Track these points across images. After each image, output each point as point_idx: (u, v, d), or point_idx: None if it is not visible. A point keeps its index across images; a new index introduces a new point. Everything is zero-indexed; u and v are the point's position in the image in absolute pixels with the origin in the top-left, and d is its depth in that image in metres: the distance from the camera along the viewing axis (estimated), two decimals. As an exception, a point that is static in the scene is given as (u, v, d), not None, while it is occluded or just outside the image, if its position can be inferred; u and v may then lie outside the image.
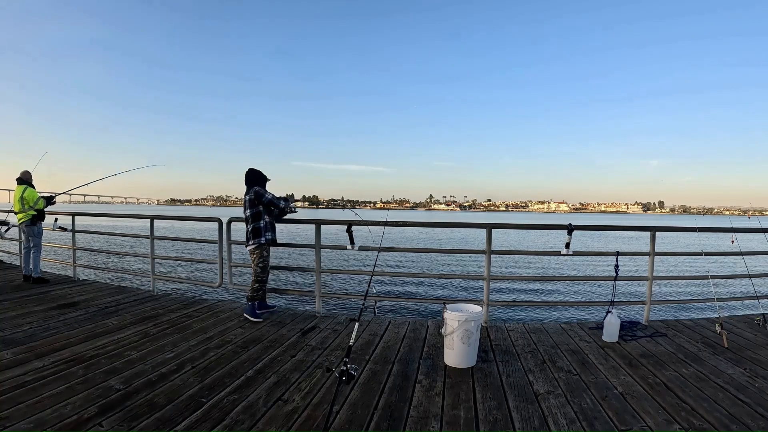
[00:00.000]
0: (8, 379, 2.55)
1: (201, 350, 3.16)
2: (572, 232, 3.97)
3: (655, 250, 4.18)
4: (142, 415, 2.18)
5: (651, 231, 4.25)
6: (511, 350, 3.33)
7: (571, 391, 2.57)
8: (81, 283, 5.51)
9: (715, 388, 2.64)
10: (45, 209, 5.55)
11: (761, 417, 2.27)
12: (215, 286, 4.87)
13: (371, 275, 2.89)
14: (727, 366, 3.01)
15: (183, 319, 3.91)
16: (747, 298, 4.67)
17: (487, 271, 4.01)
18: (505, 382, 2.71)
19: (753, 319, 4.21)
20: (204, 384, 2.57)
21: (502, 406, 2.38)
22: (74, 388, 2.45)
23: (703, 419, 2.24)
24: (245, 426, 2.10)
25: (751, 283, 4.20)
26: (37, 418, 2.11)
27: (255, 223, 4.02)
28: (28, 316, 3.92)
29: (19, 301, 4.46)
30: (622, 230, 7.09)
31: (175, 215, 6.52)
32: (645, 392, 2.57)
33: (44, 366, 2.77)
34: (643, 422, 2.20)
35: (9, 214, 6.18)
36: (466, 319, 2.88)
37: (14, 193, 5.50)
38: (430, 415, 2.26)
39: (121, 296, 4.80)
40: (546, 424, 2.19)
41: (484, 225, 4.08)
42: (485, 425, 2.18)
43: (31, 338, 3.31)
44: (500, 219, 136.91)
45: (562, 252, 3.94)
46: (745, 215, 10.40)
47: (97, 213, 6.08)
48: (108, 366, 2.80)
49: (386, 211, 5.22)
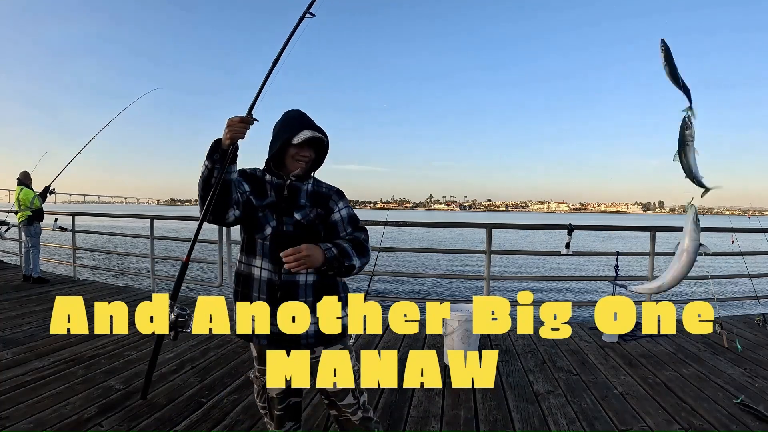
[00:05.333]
0: (8, 379, 2.54)
1: (201, 350, 3.16)
2: (572, 232, 3.97)
3: (655, 250, 4.18)
4: (142, 415, 2.17)
5: (651, 231, 4.25)
6: (511, 350, 3.33)
7: (571, 391, 2.57)
8: (81, 283, 5.50)
9: (715, 388, 2.63)
10: (43, 205, 5.54)
11: (761, 417, 2.27)
12: (215, 286, 4.87)
13: (371, 275, 2.89)
14: (727, 366, 3.00)
15: (183, 319, 3.90)
16: (747, 298, 4.67)
17: (487, 271, 4.01)
18: (505, 382, 2.70)
19: (753, 319, 4.21)
20: (204, 384, 2.57)
21: (502, 406, 2.38)
22: (74, 388, 2.45)
23: (703, 419, 2.24)
24: (245, 426, 2.11)
25: (751, 283, 4.20)
26: (37, 418, 2.11)
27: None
28: (28, 316, 3.92)
29: (19, 301, 4.46)
30: (622, 230, 7.10)
31: (175, 215, 6.52)
32: (645, 392, 2.57)
33: (44, 366, 2.76)
34: (643, 422, 2.20)
35: (9, 214, 6.19)
36: (466, 319, 2.88)
37: (14, 193, 5.54)
38: (430, 415, 2.26)
39: (121, 296, 4.80)
40: (546, 424, 2.19)
41: (484, 225, 4.08)
42: (485, 425, 2.18)
43: (31, 338, 3.31)
44: (500, 219, 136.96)
45: (562, 252, 3.94)
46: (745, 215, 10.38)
47: (97, 213, 6.09)
48: (108, 366, 2.80)
49: (386, 211, 5.20)
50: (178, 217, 5.86)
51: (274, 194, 1.44)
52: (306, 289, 1.42)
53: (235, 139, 1.27)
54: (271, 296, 1.40)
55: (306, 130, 1.40)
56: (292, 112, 1.49)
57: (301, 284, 1.41)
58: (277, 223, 1.41)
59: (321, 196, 1.50)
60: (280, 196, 1.44)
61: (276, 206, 1.43)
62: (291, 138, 1.39)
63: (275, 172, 1.45)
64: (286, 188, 1.44)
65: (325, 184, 1.55)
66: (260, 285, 1.41)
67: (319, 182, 1.55)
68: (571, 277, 8.10)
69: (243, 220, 1.43)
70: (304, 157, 1.44)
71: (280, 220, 1.42)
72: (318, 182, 1.54)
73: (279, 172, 1.45)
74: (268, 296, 1.40)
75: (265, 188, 1.45)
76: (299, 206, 1.44)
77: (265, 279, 1.41)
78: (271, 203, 1.43)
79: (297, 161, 1.43)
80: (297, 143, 1.39)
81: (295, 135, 1.39)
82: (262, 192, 1.45)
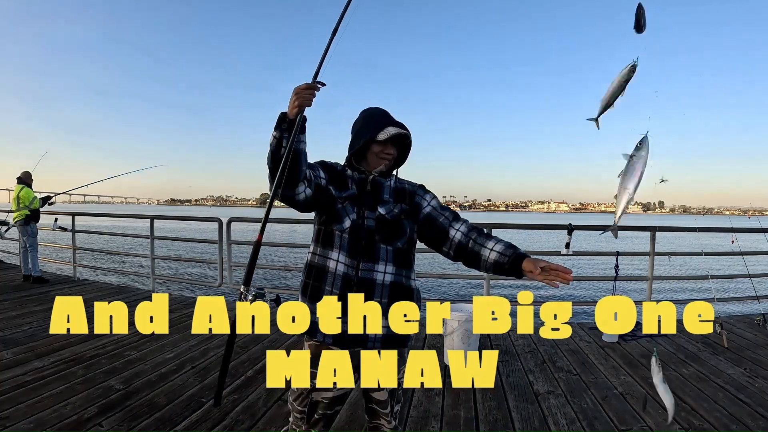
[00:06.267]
0: (8, 379, 2.54)
1: (201, 350, 3.16)
2: (572, 232, 3.97)
3: (655, 250, 4.18)
4: (142, 415, 2.18)
5: (651, 231, 4.25)
6: (511, 350, 3.33)
7: (571, 391, 2.57)
8: (81, 283, 5.51)
9: (715, 388, 2.64)
10: (41, 209, 5.55)
11: (761, 417, 2.27)
12: (215, 286, 4.87)
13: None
14: (727, 366, 3.00)
15: (183, 319, 3.91)
16: (747, 298, 4.67)
17: (487, 271, 4.01)
18: (505, 382, 2.71)
19: (753, 319, 4.21)
20: (204, 384, 2.57)
21: (502, 406, 2.38)
22: (74, 388, 2.45)
23: (703, 419, 2.24)
24: (245, 426, 2.11)
25: (751, 283, 4.20)
26: (37, 418, 2.11)
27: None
28: (28, 316, 3.92)
29: (19, 301, 4.46)
30: (622, 230, 7.11)
31: (175, 215, 6.52)
32: (645, 392, 2.56)
33: (44, 366, 2.76)
34: (643, 422, 2.20)
35: (9, 214, 6.19)
36: (466, 319, 2.88)
37: (13, 192, 5.54)
38: (430, 415, 2.26)
39: (121, 296, 4.80)
40: (546, 424, 2.19)
41: (484, 225, 4.08)
42: (485, 425, 2.18)
43: (31, 338, 3.31)
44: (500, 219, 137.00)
45: (562, 252, 3.94)
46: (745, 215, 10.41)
47: (97, 213, 6.09)
48: (108, 366, 2.80)
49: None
50: (178, 217, 5.87)
51: (356, 188, 1.39)
52: (382, 289, 1.34)
53: (303, 107, 1.21)
54: (344, 292, 1.32)
55: (391, 127, 1.36)
56: (374, 110, 1.44)
57: (378, 283, 1.34)
58: (357, 216, 1.35)
59: (405, 192, 1.45)
60: (363, 189, 1.39)
61: (357, 199, 1.37)
62: (375, 135, 1.35)
63: (357, 168, 1.41)
64: (368, 183, 1.40)
65: (407, 181, 1.49)
66: (334, 279, 1.33)
67: (401, 179, 1.50)
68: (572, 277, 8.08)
69: (318, 207, 1.37)
70: (388, 155, 1.39)
71: (360, 213, 1.36)
72: (400, 179, 1.49)
73: (361, 168, 1.41)
74: (342, 292, 1.32)
75: (346, 181, 1.40)
76: (383, 201, 1.39)
77: (341, 273, 1.33)
78: (351, 195, 1.37)
79: (381, 158, 1.39)
80: (382, 140, 1.36)
81: (380, 132, 1.35)
82: (343, 184, 1.39)
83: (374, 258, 1.34)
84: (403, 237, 1.39)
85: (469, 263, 1.39)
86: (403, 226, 1.40)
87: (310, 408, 1.39)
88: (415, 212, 1.43)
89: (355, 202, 1.36)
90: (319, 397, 1.37)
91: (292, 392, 1.42)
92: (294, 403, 1.42)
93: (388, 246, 1.36)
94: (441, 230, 1.41)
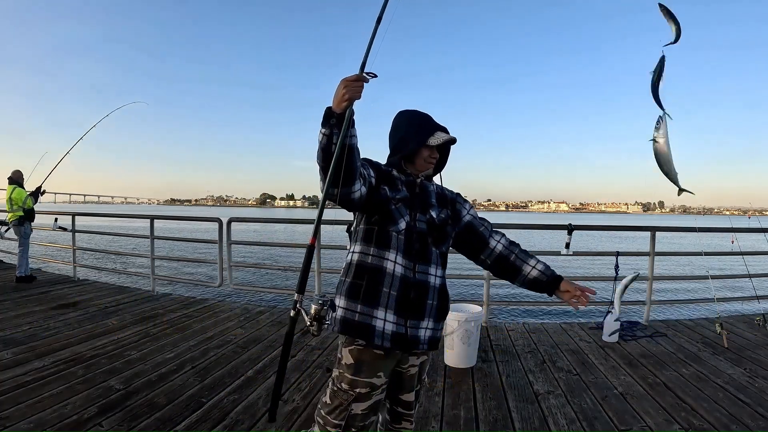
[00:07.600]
0: (8, 379, 2.54)
1: (201, 350, 3.16)
2: (572, 232, 3.97)
3: (655, 250, 4.18)
4: (142, 415, 2.18)
5: (651, 231, 4.25)
6: (511, 350, 3.33)
7: (571, 391, 2.57)
8: (81, 283, 5.50)
9: (715, 388, 2.63)
10: (35, 205, 5.51)
11: (761, 417, 2.27)
12: (215, 286, 4.87)
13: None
14: (727, 366, 3.00)
15: (183, 319, 3.91)
16: (747, 299, 4.67)
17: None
18: (505, 382, 2.71)
19: (753, 319, 4.21)
20: (204, 384, 2.57)
21: (502, 406, 2.38)
22: (74, 388, 2.45)
23: (703, 419, 2.24)
24: (245, 426, 2.11)
25: (751, 283, 4.20)
26: (37, 418, 2.11)
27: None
28: (28, 316, 3.92)
29: (19, 301, 4.45)
30: (622, 230, 7.10)
31: (175, 215, 6.53)
32: (645, 392, 2.57)
33: (44, 366, 2.76)
34: (643, 422, 2.20)
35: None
36: (466, 319, 2.88)
37: (5, 193, 5.50)
38: (430, 415, 2.26)
39: (121, 296, 4.79)
40: (546, 424, 2.19)
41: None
42: (485, 425, 2.18)
43: (31, 338, 3.30)
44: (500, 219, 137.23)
45: (562, 252, 3.94)
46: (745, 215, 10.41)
47: (97, 213, 6.10)
48: (108, 366, 2.80)
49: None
50: (178, 217, 5.88)
51: (406, 190, 1.38)
52: (434, 292, 1.35)
53: (353, 99, 1.15)
54: (403, 294, 1.30)
55: (441, 132, 1.39)
56: (417, 113, 1.43)
57: (431, 285, 1.35)
58: (410, 218, 1.35)
59: (447, 198, 1.48)
60: (413, 192, 1.39)
61: (409, 201, 1.37)
62: (426, 139, 1.37)
63: (403, 170, 1.41)
64: (417, 186, 1.41)
65: (446, 188, 1.53)
66: (393, 280, 1.29)
67: (441, 185, 1.52)
68: (572, 277, 8.08)
69: (369, 206, 1.33)
70: (435, 159, 1.42)
71: (412, 216, 1.36)
72: (439, 185, 1.52)
73: (407, 170, 1.42)
74: (400, 293, 1.29)
75: (395, 182, 1.38)
76: (431, 204, 1.41)
77: (399, 275, 1.30)
78: (404, 198, 1.36)
79: (428, 163, 1.41)
80: (433, 145, 1.38)
81: (430, 136, 1.37)
82: (393, 185, 1.36)
83: (428, 261, 1.35)
84: (448, 241, 1.43)
85: (504, 274, 1.49)
86: (448, 232, 1.43)
87: (348, 421, 1.30)
88: (456, 219, 1.47)
89: (407, 205, 1.36)
90: (359, 409, 1.30)
91: (324, 405, 1.33)
92: (328, 416, 1.31)
93: (437, 249, 1.38)
94: (481, 239, 1.48)
